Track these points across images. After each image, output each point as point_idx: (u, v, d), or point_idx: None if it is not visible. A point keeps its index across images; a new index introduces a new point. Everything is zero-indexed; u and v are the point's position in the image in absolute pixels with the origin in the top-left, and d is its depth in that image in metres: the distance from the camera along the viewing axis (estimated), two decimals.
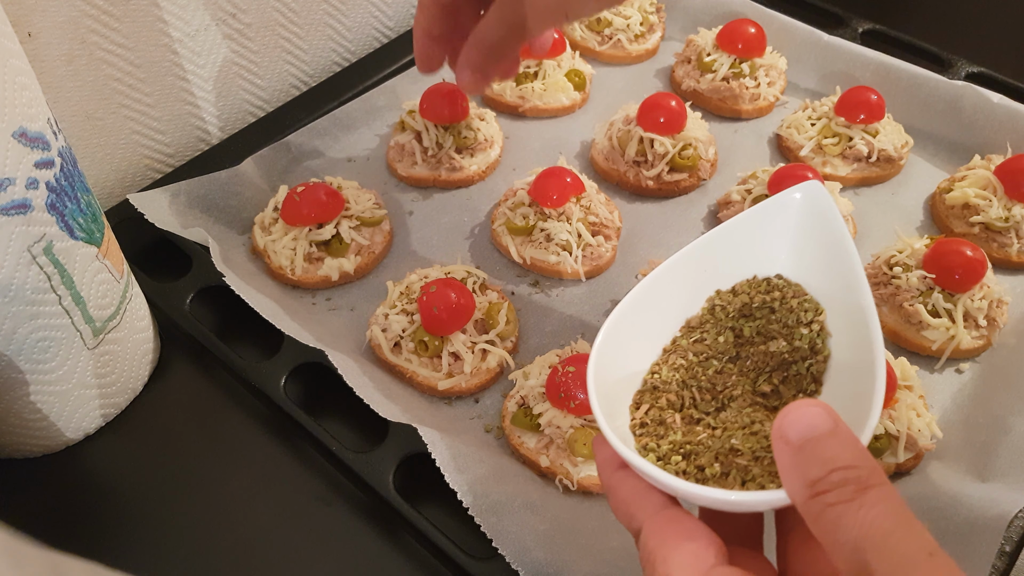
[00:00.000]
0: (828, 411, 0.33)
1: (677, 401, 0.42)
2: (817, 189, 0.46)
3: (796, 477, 0.32)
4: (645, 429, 0.41)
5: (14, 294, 0.52)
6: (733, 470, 0.38)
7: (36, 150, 0.50)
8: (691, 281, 0.46)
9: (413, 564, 0.57)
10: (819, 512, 0.31)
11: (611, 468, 0.39)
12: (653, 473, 0.37)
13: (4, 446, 0.61)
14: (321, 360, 0.64)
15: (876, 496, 0.31)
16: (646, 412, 0.42)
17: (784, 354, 0.44)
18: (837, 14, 1.03)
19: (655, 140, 0.83)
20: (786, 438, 0.33)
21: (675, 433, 0.41)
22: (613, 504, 0.39)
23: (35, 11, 0.69)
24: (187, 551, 0.58)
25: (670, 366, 0.44)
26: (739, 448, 0.39)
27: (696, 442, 0.40)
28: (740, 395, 0.43)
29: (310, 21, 0.93)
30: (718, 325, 0.46)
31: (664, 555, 0.34)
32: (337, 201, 0.75)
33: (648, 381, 0.44)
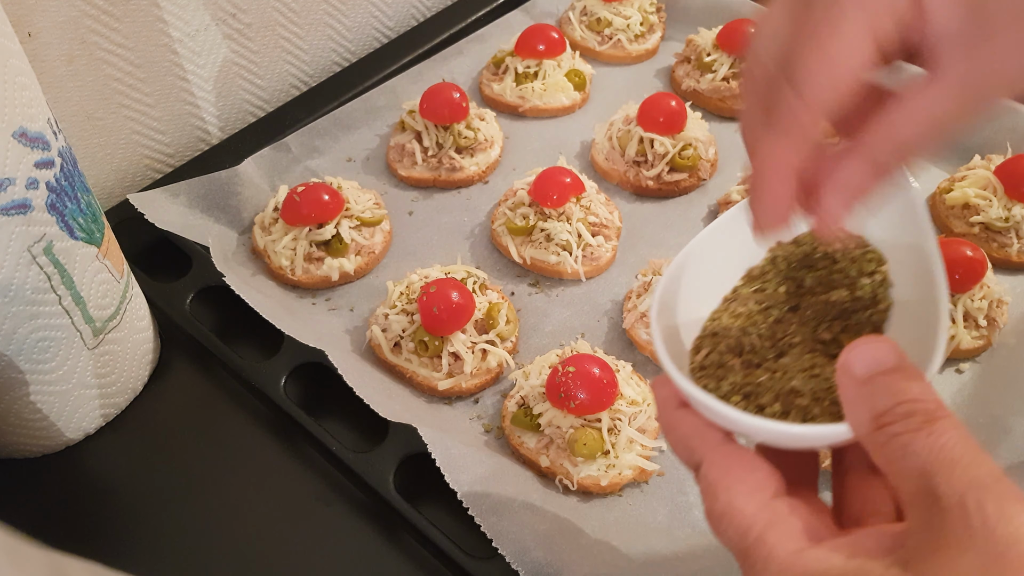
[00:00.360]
0: (894, 347, 0.33)
1: (737, 346, 0.42)
2: None
3: (861, 409, 0.32)
4: (704, 371, 0.41)
5: (14, 294, 0.52)
6: (793, 410, 0.38)
7: (36, 150, 0.50)
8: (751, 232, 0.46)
9: (413, 564, 0.57)
10: (885, 442, 0.31)
11: (671, 407, 0.39)
12: (715, 407, 0.37)
13: (4, 446, 0.61)
14: (321, 360, 0.64)
15: (944, 426, 0.31)
16: (706, 356, 0.42)
17: (845, 303, 0.43)
18: None
19: (655, 140, 0.83)
20: (851, 372, 0.33)
21: (735, 375, 0.41)
22: (672, 441, 0.39)
23: (35, 11, 0.69)
24: (187, 551, 0.58)
25: (730, 313, 0.44)
26: (799, 389, 0.39)
27: (756, 383, 0.40)
28: (800, 342, 0.43)
29: (310, 21, 0.93)
30: (779, 275, 0.45)
31: (727, 485, 0.35)
32: (337, 201, 0.75)
33: (708, 328, 0.44)
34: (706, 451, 0.37)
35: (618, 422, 0.61)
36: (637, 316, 0.70)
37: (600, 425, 0.61)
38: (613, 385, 0.61)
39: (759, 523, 0.33)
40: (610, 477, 0.60)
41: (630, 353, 0.71)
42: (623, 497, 0.62)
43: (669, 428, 0.39)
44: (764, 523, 0.33)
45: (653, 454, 0.63)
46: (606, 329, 0.73)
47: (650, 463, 0.61)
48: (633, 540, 0.58)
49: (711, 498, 0.35)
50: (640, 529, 0.59)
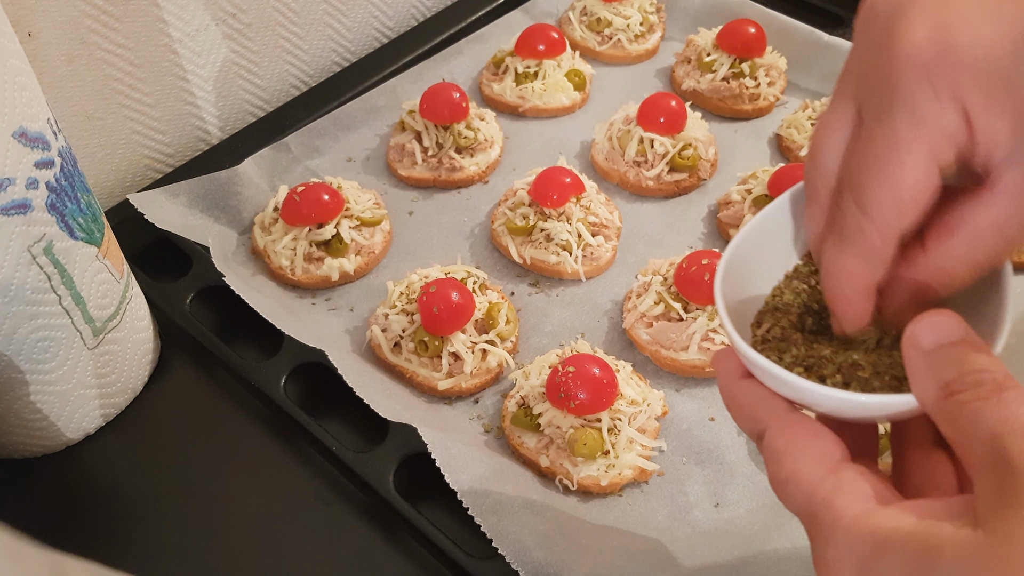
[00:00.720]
0: (960, 320, 0.34)
1: (799, 322, 0.43)
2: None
3: (929, 380, 0.33)
4: (767, 345, 0.42)
5: (14, 294, 0.52)
6: (854, 382, 0.38)
7: (36, 150, 0.50)
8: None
9: (413, 564, 0.57)
10: (954, 410, 0.32)
11: (735, 378, 0.40)
12: (780, 375, 0.37)
13: (4, 446, 0.61)
14: (321, 360, 0.64)
15: (1014, 395, 0.31)
16: (768, 330, 0.43)
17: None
18: (837, 14, 1.03)
19: (655, 140, 0.83)
20: (918, 344, 0.33)
21: (797, 348, 0.41)
22: (735, 411, 0.39)
23: (35, 11, 0.69)
24: (187, 551, 0.58)
25: (792, 290, 0.45)
26: (860, 363, 0.39)
27: (819, 356, 0.40)
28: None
29: (310, 21, 0.93)
30: None
31: (793, 452, 0.35)
32: (337, 201, 0.75)
33: (770, 303, 0.44)
34: (770, 419, 0.37)
35: (618, 422, 0.61)
36: (637, 316, 0.70)
37: (600, 425, 0.61)
38: (613, 385, 0.61)
39: (826, 487, 0.34)
40: (610, 477, 0.60)
41: (630, 353, 0.71)
42: (623, 497, 0.62)
43: (732, 398, 0.40)
44: (831, 487, 0.34)
45: (653, 454, 0.63)
46: (606, 329, 0.73)
47: (650, 463, 0.61)
48: (633, 540, 0.58)
49: (776, 465, 0.36)
50: (640, 529, 0.59)
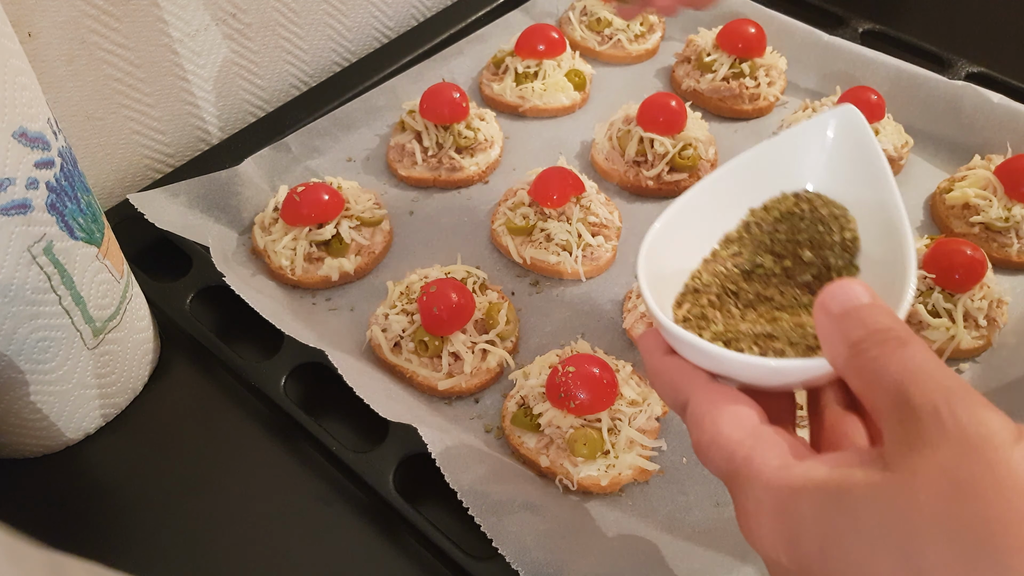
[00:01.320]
0: (866, 286, 0.36)
1: (717, 302, 0.45)
2: (850, 111, 0.48)
3: (837, 340, 0.35)
4: (687, 323, 0.44)
5: (14, 294, 0.52)
6: (770, 352, 0.41)
7: (36, 150, 0.50)
8: (727, 198, 0.49)
9: (413, 564, 0.57)
10: (861, 365, 0.34)
11: (658, 354, 0.42)
12: (700, 345, 0.39)
13: (4, 446, 0.61)
14: (321, 360, 0.64)
15: (916, 346, 0.33)
16: (688, 310, 0.45)
17: (816, 261, 0.46)
18: (837, 14, 1.03)
19: (655, 140, 0.83)
20: (827, 309, 0.36)
21: (716, 325, 0.44)
22: (659, 385, 0.42)
23: (35, 11, 0.69)
24: (187, 551, 0.58)
25: (710, 273, 0.47)
26: (775, 334, 0.42)
27: (736, 331, 0.43)
28: (776, 298, 0.46)
29: (310, 21, 0.93)
30: (754, 240, 0.48)
31: (713, 416, 0.37)
32: (337, 201, 0.75)
33: (689, 285, 0.47)
34: (693, 390, 0.39)
35: (618, 422, 0.61)
36: (637, 316, 0.70)
37: (600, 425, 0.61)
38: (613, 385, 0.61)
39: (745, 446, 0.36)
40: (610, 477, 0.60)
41: (630, 353, 0.71)
42: (623, 497, 0.62)
43: (656, 373, 0.42)
44: (750, 446, 0.36)
45: (653, 454, 0.63)
46: (606, 329, 0.73)
47: (650, 463, 0.61)
48: (633, 540, 0.58)
49: (698, 430, 0.38)
50: (640, 529, 0.59)
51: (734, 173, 0.49)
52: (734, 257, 0.48)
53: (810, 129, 0.48)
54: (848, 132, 0.48)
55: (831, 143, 0.48)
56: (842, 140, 0.48)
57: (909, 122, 0.89)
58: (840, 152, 0.48)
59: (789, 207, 0.48)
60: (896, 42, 0.99)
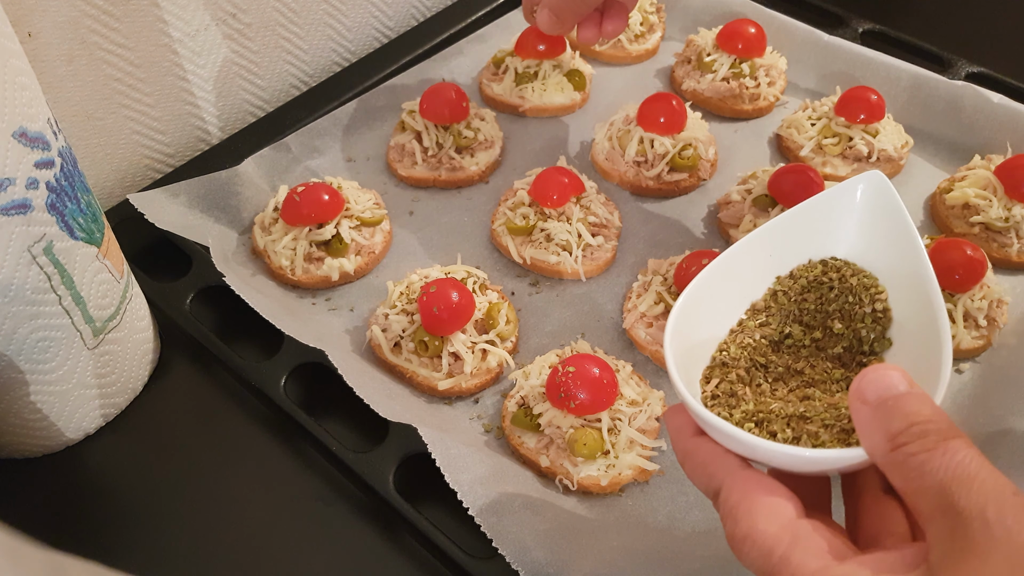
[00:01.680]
0: (903, 373, 0.35)
1: (746, 376, 0.44)
2: (879, 178, 0.47)
3: (876, 432, 0.34)
4: (716, 400, 0.43)
5: (14, 294, 0.52)
6: (804, 435, 0.40)
7: (36, 150, 0.50)
8: (754, 265, 0.48)
9: (413, 564, 0.57)
10: (902, 461, 0.33)
11: (687, 434, 0.41)
12: (732, 433, 0.38)
13: (4, 446, 0.61)
14: (321, 360, 0.64)
15: (958, 444, 0.32)
16: (716, 385, 0.44)
17: (847, 333, 0.46)
18: (837, 14, 1.03)
19: (655, 140, 0.83)
20: (864, 397, 0.35)
21: (746, 403, 0.42)
22: (690, 469, 0.40)
23: (35, 11, 0.69)
24: (187, 551, 0.58)
25: (738, 345, 0.46)
26: (808, 415, 0.41)
27: (767, 411, 0.42)
28: (806, 372, 0.45)
29: (310, 21, 0.93)
30: (781, 309, 0.48)
31: (747, 508, 0.36)
32: (337, 201, 0.75)
33: (717, 358, 0.46)
34: (724, 477, 0.38)
35: (618, 422, 0.61)
36: (637, 316, 0.70)
37: (600, 425, 0.61)
38: (613, 385, 0.61)
39: (782, 543, 0.34)
40: (610, 477, 0.60)
41: (630, 353, 0.71)
42: (623, 497, 0.62)
43: (686, 456, 0.40)
44: (787, 543, 0.34)
45: (653, 454, 0.63)
46: (606, 329, 0.73)
47: (650, 463, 0.61)
48: (633, 540, 0.58)
49: (732, 522, 0.36)
50: (640, 529, 0.59)
51: (761, 240, 0.48)
52: (762, 327, 0.47)
53: (837, 195, 0.48)
54: (876, 198, 0.47)
55: (858, 210, 0.48)
56: (870, 206, 0.47)
57: (909, 122, 0.89)
58: (868, 219, 0.47)
59: (817, 275, 0.48)
60: (896, 42, 0.99)
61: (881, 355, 0.45)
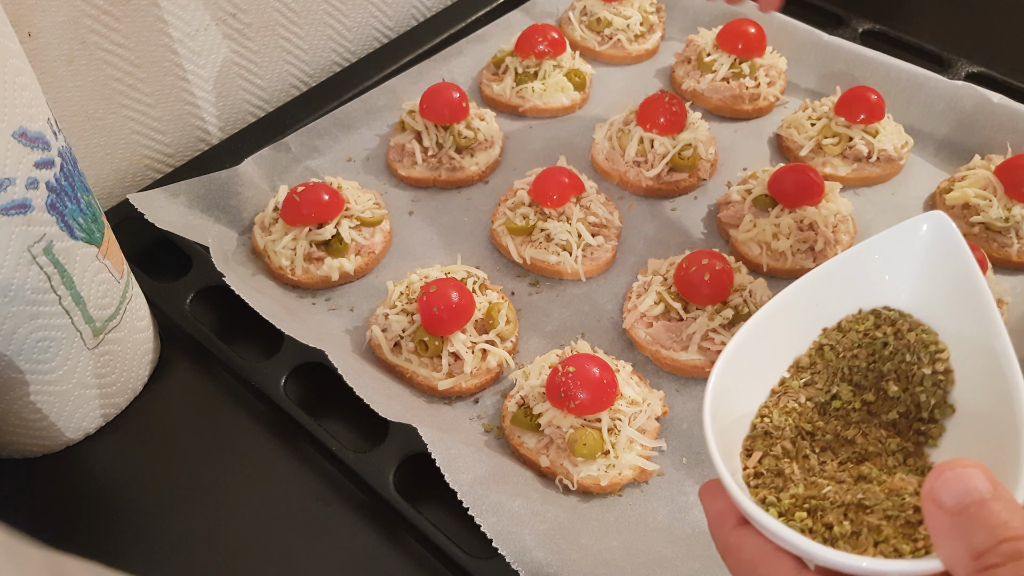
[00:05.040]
0: (986, 472, 0.31)
1: (792, 449, 0.40)
2: (943, 221, 0.42)
3: (957, 545, 0.30)
4: (761, 480, 0.39)
5: (14, 294, 0.52)
6: (864, 530, 0.35)
7: (36, 150, 0.50)
8: (799, 318, 0.43)
9: (413, 564, 0.57)
10: None
11: (729, 524, 0.36)
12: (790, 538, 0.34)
13: (4, 446, 0.61)
14: (321, 360, 0.64)
15: None
16: (759, 460, 0.39)
17: (903, 396, 0.41)
18: (837, 14, 1.03)
19: (655, 140, 0.83)
20: (940, 502, 0.31)
21: (796, 486, 0.38)
22: (733, 565, 0.36)
23: (35, 11, 0.69)
24: (187, 551, 0.58)
25: (781, 409, 0.41)
26: (867, 504, 0.36)
27: (821, 496, 0.37)
28: (857, 440, 0.40)
29: (310, 21, 0.93)
30: (828, 367, 0.42)
31: None
32: (337, 201, 0.75)
33: (758, 426, 0.41)
34: None
35: (618, 422, 0.61)
36: (637, 316, 0.70)
37: (600, 425, 0.61)
38: (613, 385, 0.61)
39: None
40: (610, 477, 0.60)
41: (630, 353, 0.71)
42: (623, 497, 0.62)
43: (729, 550, 0.36)
44: None
45: (653, 454, 0.63)
46: (606, 329, 0.73)
47: (650, 463, 0.61)
48: (633, 540, 0.58)
49: None
50: (640, 529, 0.59)
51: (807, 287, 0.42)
52: (806, 387, 0.42)
53: (894, 238, 0.43)
54: (938, 243, 0.42)
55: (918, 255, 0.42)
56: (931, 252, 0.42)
57: (909, 122, 0.89)
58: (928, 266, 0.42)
59: (868, 328, 0.42)
60: (896, 42, 0.99)
61: (942, 423, 0.40)
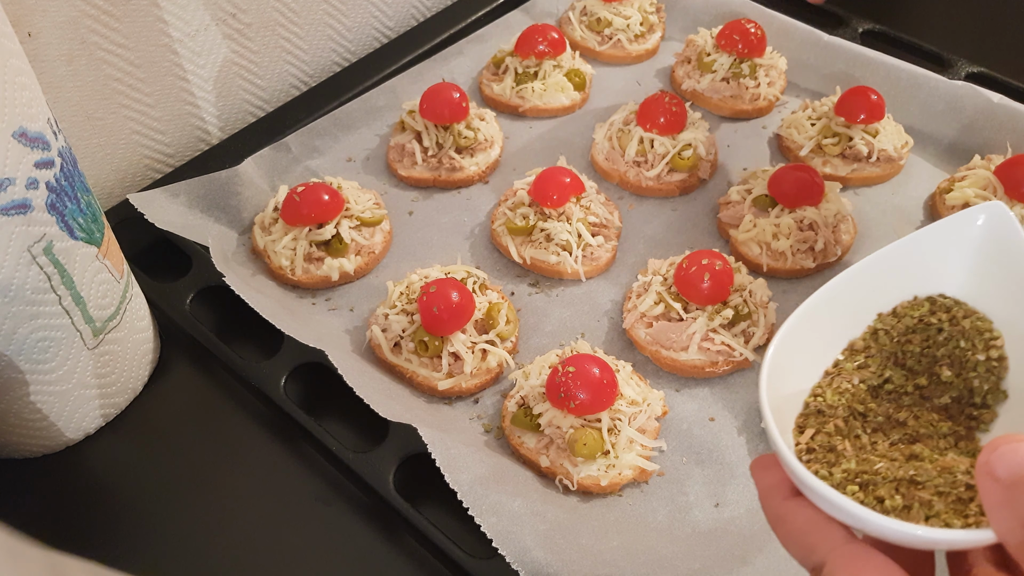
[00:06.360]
0: None
1: (845, 428, 0.40)
2: (1001, 211, 0.43)
3: (1010, 516, 0.31)
4: (813, 455, 0.39)
5: (14, 294, 0.52)
6: (915, 504, 0.36)
7: (36, 150, 0.50)
8: (855, 301, 0.44)
9: (413, 564, 0.57)
10: None
11: (780, 496, 0.37)
12: (842, 504, 0.34)
13: (4, 446, 0.61)
14: (321, 360, 0.64)
15: None
16: (812, 437, 0.40)
17: (956, 381, 0.41)
18: (837, 14, 1.03)
19: (655, 140, 0.83)
20: (994, 474, 0.32)
21: (848, 461, 0.38)
22: (784, 535, 0.36)
23: (35, 11, 0.69)
24: (187, 551, 0.58)
25: (834, 390, 0.42)
26: (919, 480, 0.36)
27: (872, 471, 0.37)
28: (909, 423, 0.41)
29: (310, 21, 0.93)
30: (882, 351, 0.43)
31: None
32: (337, 201, 0.75)
33: (811, 404, 0.42)
34: (829, 551, 0.35)
35: (618, 422, 0.61)
36: (637, 316, 0.70)
37: (600, 425, 0.61)
38: (613, 385, 0.61)
39: None
40: (610, 477, 0.60)
41: (630, 353, 0.71)
42: (623, 497, 0.62)
43: (780, 521, 0.37)
44: None
45: (653, 454, 0.63)
46: (606, 329, 0.73)
47: (650, 463, 0.61)
48: (633, 540, 0.58)
49: None
50: (640, 529, 0.59)
51: (865, 272, 0.43)
52: (860, 370, 0.43)
53: (952, 225, 0.43)
54: (996, 232, 0.42)
55: (975, 243, 0.43)
56: (988, 241, 0.42)
57: (909, 122, 0.89)
58: (985, 254, 0.42)
59: (923, 314, 0.43)
60: (896, 42, 0.99)
61: (995, 408, 0.41)
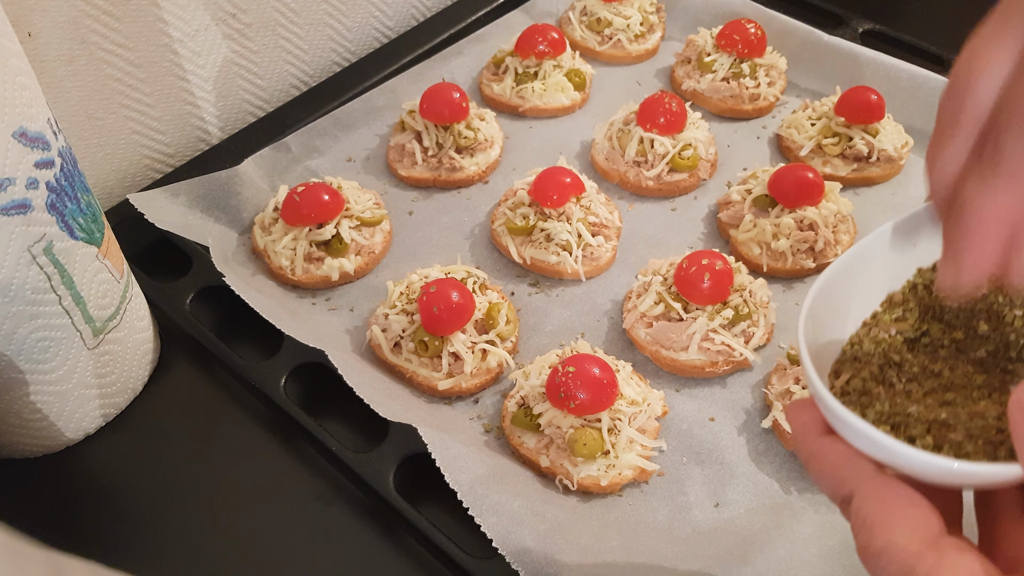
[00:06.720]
0: None
1: (879, 374, 0.41)
2: None
3: None
4: (847, 398, 0.40)
5: (14, 294, 0.52)
6: (946, 444, 0.36)
7: (36, 150, 0.50)
8: (896, 256, 0.44)
9: (413, 564, 0.57)
10: None
11: (814, 433, 0.37)
12: (872, 435, 0.35)
13: (4, 446, 0.61)
14: (321, 360, 0.64)
15: None
16: (847, 381, 0.41)
17: (992, 336, 0.42)
18: (837, 14, 1.03)
19: (655, 140, 0.83)
20: None
21: (881, 403, 0.39)
22: (815, 470, 0.37)
23: (35, 11, 0.69)
24: (187, 551, 0.58)
25: (871, 339, 0.43)
26: (950, 423, 0.37)
27: (904, 413, 0.38)
28: (944, 374, 0.41)
29: (310, 21, 0.93)
30: (921, 304, 0.44)
31: (885, 520, 0.33)
32: (337, 201, 0.75)
33: (848, 351, 0.42)
34: (858, 483, 0.35)
35: (618, 422, 0.61)
36: (637, 316, 0.70)
37: (600, 425, 0.61)
38: (613, 385, 0.61)
39: (925, 562, 0.32)
40: (610, 477, 0.60)
41: (630, 353, 0.71)
42: (623, 497, 0.62)
43: (812, 456, 0.37)
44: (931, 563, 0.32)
45: (653, 454, 0.63)
46: (606, 329, 0.73)
47: (650, 463, 0.61)
48: (633, 540, 0.58)
49: (867, 534, 0.34)
50: (640, 529, 0.59)
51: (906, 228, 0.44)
52: (898, 322, 0.43)
53: None
54: None
55: None
56: None
57: (909, 122, 0.89)
58: None
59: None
60: (896, 42, 0.99)
61: None
